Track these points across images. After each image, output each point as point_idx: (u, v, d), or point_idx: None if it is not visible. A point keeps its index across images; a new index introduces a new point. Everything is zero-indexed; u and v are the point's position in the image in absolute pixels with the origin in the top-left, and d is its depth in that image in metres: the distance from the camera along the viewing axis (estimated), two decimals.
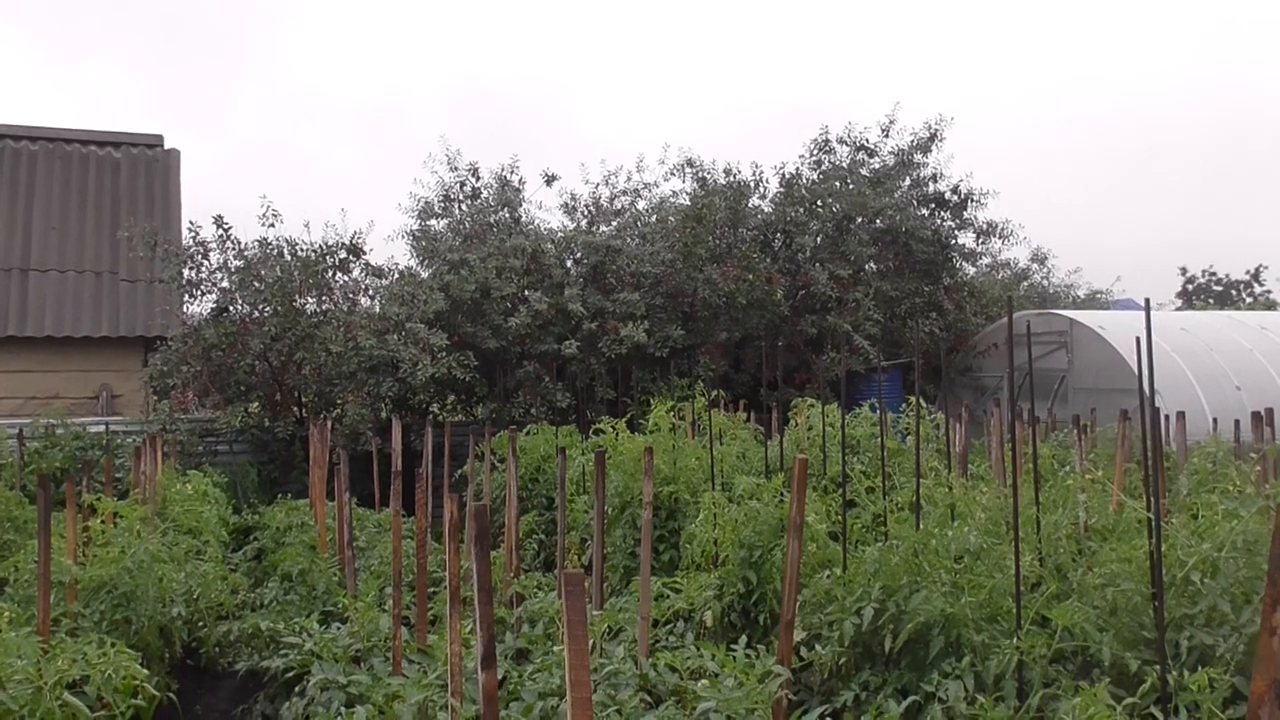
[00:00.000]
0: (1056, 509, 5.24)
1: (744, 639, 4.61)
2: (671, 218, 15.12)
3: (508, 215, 15.28)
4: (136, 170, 15.97)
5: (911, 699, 3.88)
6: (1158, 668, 3.70)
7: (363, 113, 68.74)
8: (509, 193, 15.41)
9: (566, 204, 16.94)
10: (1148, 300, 3.33)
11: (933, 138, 16.31)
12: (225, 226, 12.29)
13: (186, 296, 12.71)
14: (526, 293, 13.18)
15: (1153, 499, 3.97)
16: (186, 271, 12.27)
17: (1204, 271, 41.67)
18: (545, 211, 20.86)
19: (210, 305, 12.42)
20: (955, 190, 16.42)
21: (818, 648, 4.41)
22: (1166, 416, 4.70)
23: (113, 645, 4.02)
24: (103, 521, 5.78)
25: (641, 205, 16.68)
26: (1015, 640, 3.90)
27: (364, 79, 72.71)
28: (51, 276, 14.24)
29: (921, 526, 4.88)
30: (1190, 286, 41.34)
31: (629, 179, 16.88)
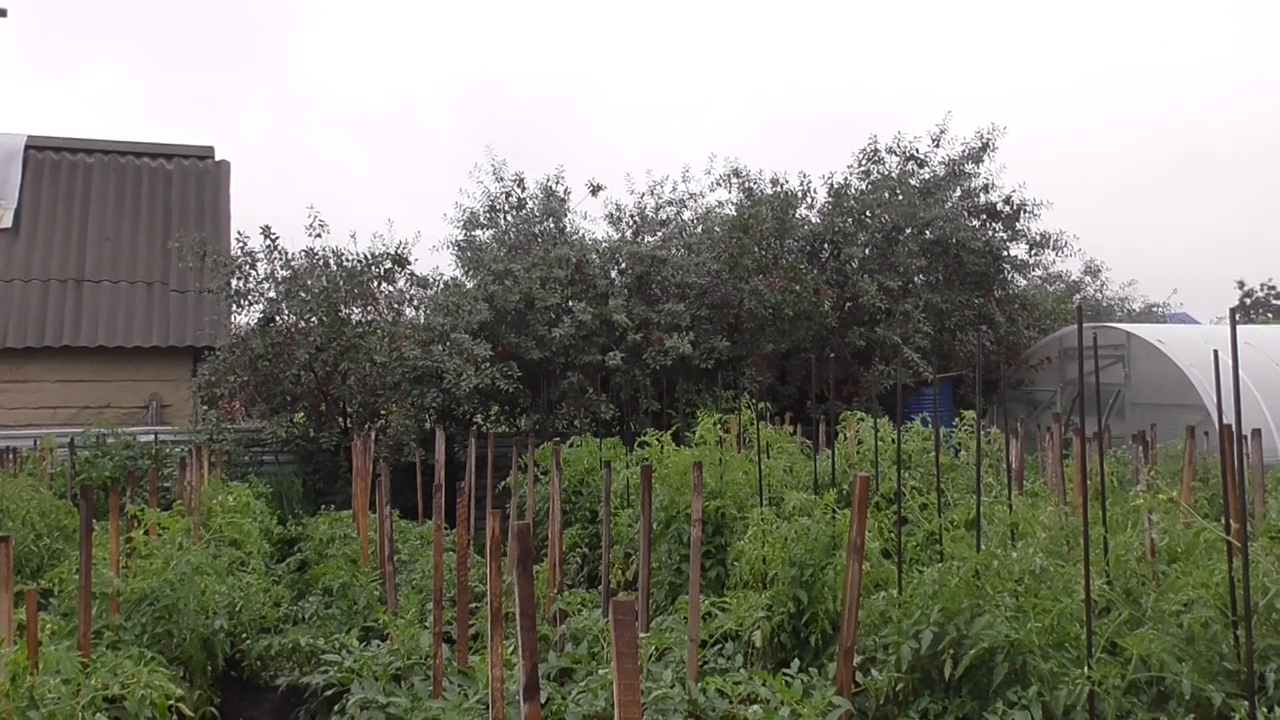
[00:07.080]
0: (1123, 529, 5.00)
1: (795, 661, 4.44)
2: (717, 228, 14.93)
3: (553, 225, 15.22)
4: (188, 181, 16.22)
5: None
6: (1244, 701, 3.47)
7: (380, 117, 69.14)
8: (554, 203, 15.35)
9: (611, 214, 16.84)
10: (1233, 312, 3.12)
11: (984, 147, 15.98)
12: (273, 237, 12.36)
13: (234, 306, 12.81)
14: (571, 303, 13.07)
15: (1234, 520, 3.74)
16: (234, 281, 12.36)
17: (1262, 285, 40.65)
18: (590, 222, 20.77)
19: (257, 315, 12.49)
20: (1008, 201, 16.07)
21: (873, 672, 4.22)
22: (1244, 436, 4.46)
23: (149, 661, 3.95)
24: (146, 532, 5.75)
25: (687, 215, 16.49)
26: (1086, 669, 3.69)
27: (380, 83, 73.12)
28: (104, 287, 14.47)
29: (982, 546, 4.67)
30: (1248, 300, 40.29)
31: (674, 189, 16.73)
